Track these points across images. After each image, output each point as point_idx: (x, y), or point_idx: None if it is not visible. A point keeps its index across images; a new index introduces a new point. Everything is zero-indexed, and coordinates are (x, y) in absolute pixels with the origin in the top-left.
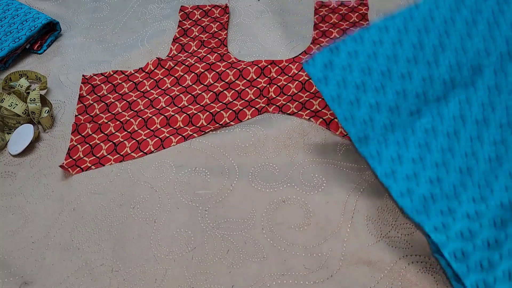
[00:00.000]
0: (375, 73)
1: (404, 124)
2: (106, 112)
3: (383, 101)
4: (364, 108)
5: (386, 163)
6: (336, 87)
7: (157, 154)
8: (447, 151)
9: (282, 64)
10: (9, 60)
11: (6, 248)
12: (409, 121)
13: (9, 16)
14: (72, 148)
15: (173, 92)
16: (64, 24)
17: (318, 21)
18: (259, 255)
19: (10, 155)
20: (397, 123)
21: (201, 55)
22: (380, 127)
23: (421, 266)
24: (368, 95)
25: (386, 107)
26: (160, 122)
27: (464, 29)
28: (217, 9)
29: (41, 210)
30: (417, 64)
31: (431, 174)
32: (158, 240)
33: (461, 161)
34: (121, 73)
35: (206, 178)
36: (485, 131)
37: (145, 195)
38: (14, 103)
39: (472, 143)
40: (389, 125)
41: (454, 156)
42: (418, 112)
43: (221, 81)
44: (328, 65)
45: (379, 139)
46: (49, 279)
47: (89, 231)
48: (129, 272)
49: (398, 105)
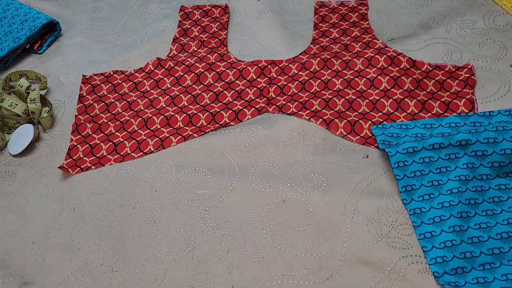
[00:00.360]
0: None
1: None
2: (106, 112)
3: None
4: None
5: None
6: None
7: (157, 154)
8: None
9: (282, 64)
10: (9, 60)
11: (6, 248)
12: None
13: (9, 16)
14: (72, 148)
15: (173, 92)
16: (64, 24)
17: (318, 21)
18: (259, 255)
19: (10, 155)
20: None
21: (201, 55)
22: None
23: (421, 266)
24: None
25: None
26: (160, 122)
27: None
28: (217, 9)
29: (41, 210)
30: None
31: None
32: (158, 240)
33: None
34: (121, 73)
35: (206, 178)
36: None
37: (145, 195)
38: (14, 103)
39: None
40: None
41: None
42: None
43: (221, 81)
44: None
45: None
46: (49, 279)
47: (89, 231)
48: (129, 272)
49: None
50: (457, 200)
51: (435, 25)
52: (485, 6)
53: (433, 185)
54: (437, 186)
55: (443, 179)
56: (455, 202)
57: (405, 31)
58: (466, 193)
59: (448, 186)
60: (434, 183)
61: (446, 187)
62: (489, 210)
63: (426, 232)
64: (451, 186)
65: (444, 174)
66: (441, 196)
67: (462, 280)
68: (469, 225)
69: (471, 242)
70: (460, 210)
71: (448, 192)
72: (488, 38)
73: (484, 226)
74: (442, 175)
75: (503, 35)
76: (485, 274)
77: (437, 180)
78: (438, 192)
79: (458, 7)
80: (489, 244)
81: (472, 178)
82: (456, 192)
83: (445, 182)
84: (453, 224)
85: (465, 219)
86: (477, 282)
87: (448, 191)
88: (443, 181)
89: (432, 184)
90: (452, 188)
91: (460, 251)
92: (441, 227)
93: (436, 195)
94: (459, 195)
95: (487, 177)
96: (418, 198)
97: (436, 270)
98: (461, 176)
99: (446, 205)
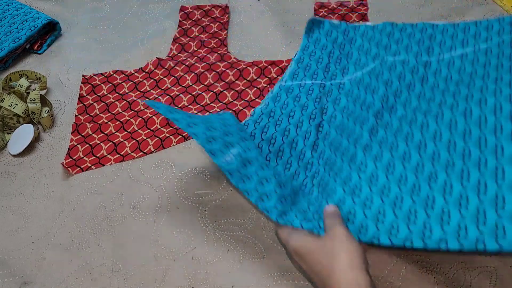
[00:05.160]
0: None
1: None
2: (106, 112)
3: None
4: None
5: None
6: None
7: (157, 154)
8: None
9: (282, 65)
10: (9, 60)
11: (6, 248)
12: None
13: (9, 16)
14: (72, 148)
15: (173, 92)
16: (64, 24)
17: None
18: (259, 255)
19: (10, 155)
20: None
21: (201, 55)
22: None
23: (421, 266)
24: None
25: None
26: (160, 122)
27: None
28: (217, 9)
29: (41, 210)
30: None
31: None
32: (158, 240)
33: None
34: (121, 73)
35: (206, 178)
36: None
37: (145, 195)
38: (14, 103)
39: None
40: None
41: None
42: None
43: (221, 81)
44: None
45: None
46: (49, 279)
47: (89, 231)
48: (129, 272)
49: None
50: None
51: None
52: (485, 6)
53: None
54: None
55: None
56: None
57: None
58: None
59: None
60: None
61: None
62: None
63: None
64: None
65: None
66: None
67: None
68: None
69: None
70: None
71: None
72: None
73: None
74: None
75: None
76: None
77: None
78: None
79: (458, 7)
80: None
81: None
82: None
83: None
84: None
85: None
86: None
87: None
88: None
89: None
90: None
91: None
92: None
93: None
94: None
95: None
96: None
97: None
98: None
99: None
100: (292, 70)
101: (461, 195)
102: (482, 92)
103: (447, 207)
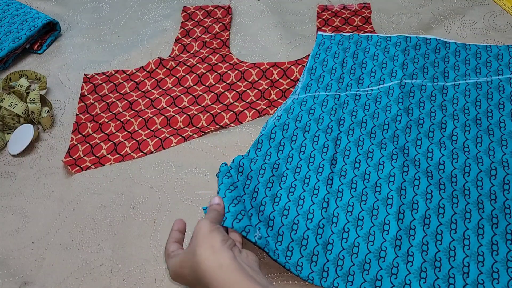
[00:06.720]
0: None
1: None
2: (107, 112)
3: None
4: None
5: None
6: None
7: (157, 154)
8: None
9: (284, 66)
10: (9, 60)
11: (6, 248)
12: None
13: (9, 16)
14: (73, 147)
15: (174, 92)
16: (64, 24)
17: (321, 25)
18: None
19: (10, 155)
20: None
21: (203, 55)
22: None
23: None
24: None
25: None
26: (160, 122)
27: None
28: (219, 9)
29: (41, 210)
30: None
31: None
32: (158, 240)
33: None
34: (122, 73)
35: (206, 178)
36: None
37: (145, 195)
38: (14, 103)
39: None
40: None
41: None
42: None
43: (223, 82)
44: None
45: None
46: (49, 279)
47: (89, 231)
48: (129, 272)
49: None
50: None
51: (435, 25)
52: (485, 6)
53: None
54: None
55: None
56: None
57: (405, 31)
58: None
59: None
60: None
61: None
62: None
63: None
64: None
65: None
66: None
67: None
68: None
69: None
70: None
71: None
72: (488, 38)
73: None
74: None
75: (503, 35)
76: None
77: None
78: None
79: (458, 7)
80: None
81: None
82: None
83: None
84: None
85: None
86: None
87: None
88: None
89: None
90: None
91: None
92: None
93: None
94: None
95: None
96: None
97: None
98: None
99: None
100: (305, 82)
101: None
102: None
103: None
